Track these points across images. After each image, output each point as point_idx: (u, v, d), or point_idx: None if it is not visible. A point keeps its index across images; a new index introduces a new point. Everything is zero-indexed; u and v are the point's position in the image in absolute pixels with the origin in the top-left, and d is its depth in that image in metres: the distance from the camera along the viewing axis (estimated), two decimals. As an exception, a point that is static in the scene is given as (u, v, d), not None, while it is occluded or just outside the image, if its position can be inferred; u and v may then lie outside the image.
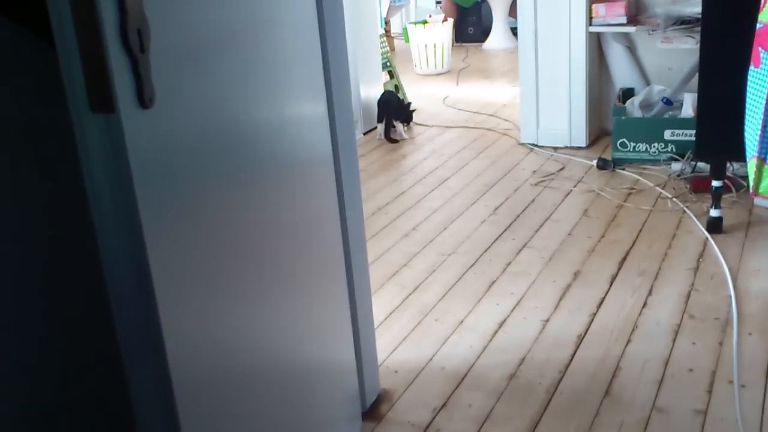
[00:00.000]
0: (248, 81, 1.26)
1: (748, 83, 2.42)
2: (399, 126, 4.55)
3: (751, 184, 2.45)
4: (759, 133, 2.35)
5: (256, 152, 1.30)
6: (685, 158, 3.55)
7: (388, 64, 5.07)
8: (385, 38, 5.28)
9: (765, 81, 2.31)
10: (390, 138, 4.51)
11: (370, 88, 4.68)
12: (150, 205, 0.91)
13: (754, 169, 2.41)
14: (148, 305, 0.95)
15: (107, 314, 0.98)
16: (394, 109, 4.55)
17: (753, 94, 2.39)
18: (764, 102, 2.31)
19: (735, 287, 2.55)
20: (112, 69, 0.80)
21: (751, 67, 2.40)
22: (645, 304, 2.50)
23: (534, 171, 3.85)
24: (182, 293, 1.02)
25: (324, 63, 1.72)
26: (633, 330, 2.35)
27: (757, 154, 2.38)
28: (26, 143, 1.27)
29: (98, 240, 0.92)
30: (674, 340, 2.28)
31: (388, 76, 5.06)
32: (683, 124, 3.65)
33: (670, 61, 4.02)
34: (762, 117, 2.33)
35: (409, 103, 4.80)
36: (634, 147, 3.76)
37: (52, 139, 1.27)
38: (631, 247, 2.91)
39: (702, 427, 1.91)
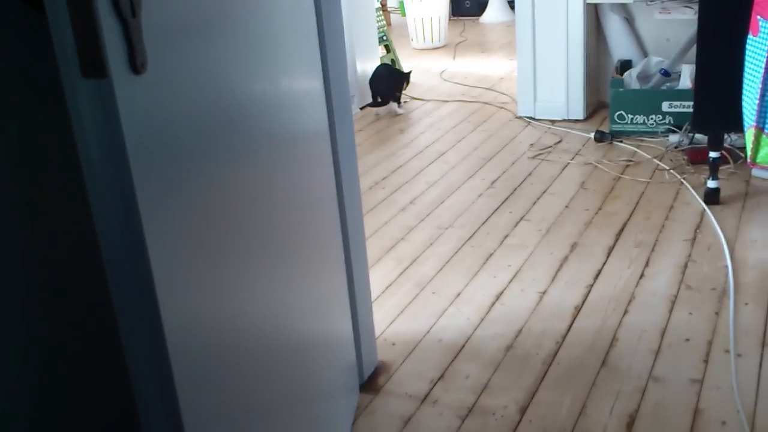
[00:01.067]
0: (243, 54, 1.24)
1: (747, 52, 2.40)
2: (393, 105, 4.50)
3: (749, 153, 2.45)
4: (757, 102, 2.34)
5: (252, 126, 1.29)
6: (683, 130, 3.54)
7: (384, 38, 5.04)
8: (381, 12, 5.24)
9: (763, 50, 2.29)
10: (375, 105, 4.48)
11: (366, 63, 4.65)
12: (144, 174, 0.90)
13: (752, 138, 2.40)
14: (145, 278, 0.94)
15: (105, 298, 0.98)
16: (386, 87, 4.49)
17: (751, 63, 2.38)
18: (762, 71, 2.30)
19: (732, 258, 2.56)
20: (103, 33, 0.79)
21: (750, 36, 2.39)
22: (642, 275, 2.51)
23: (531, 144, 3.84)
24: (179, 266, 1.02)
25: (320, 38, 1.71)
26: (630, 301, 2.36)
27: (755, 124, 2.37)
28: (21, 141, 1.27)
29: (93, 212, 0.92)
30: (671, 311, 2.29)
31: (384, 51, 5.03)
32: (681, 95, 3.64)
33: (668, 32, 3.99)
34: (760, 86, 2.32)
35: (404, 71, 4.75)
36: (632, 119, 3.75)
37: (48, 137, 1.27)
38: (628, 219, 2.91)
39: (698, 395, 1.92)
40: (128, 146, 0.86)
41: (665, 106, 3.69)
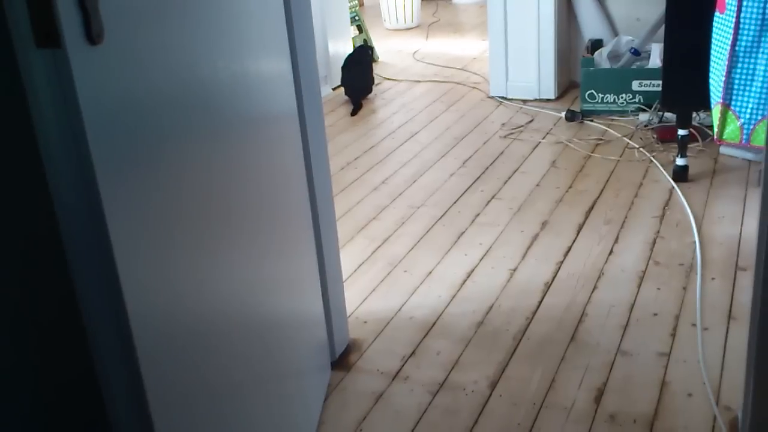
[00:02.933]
0: (207, 31, 1.23)
1: (713, 29, 2.42)
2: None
3: (716, 130, 2.47)
4: (723, 79, 2.36)
5: (218, 104, 1.28)
6: (653, 108, 3.57)
7: (356, 18, 5.01)
8: (353, -8, 5.20)
9: (730, 27, 2.31)
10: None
11: (338, 44, 4.62)
12: (103, 150, 0.89)
13: (719, 115, 2.42)
14: (106, 257, 0.93)
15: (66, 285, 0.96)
16: (364, 88, 4.42)
17: (718, 40, 2.40)
18: (729, 48, 2.32)
19: (699, 234, 2.59)
20: (57, 2, 0.78)
21: (717, 14, 2.41)
22: (611, 251, 2.53)
23: (503, 124, 3.84)
24: (143, 245, 1.00)
25: (287, 18, 1.69)
26: (599, 277, 2.38)
27: (721, 101, 2.40)
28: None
29: (50, 188, 0.90)
30: (639, 286, 2.32)
31: (356, 31, 5.00)
32: (651, 74, 3.66)
33: (638, 11, 4.01)
34: (726, 63, 2.34)
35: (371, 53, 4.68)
36: (603, 98, 3.77)
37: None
38: (598, 197, 2.94)
39: (665, 368, 1.95)
40: (85, 118, 0.84)
41: (635, 85, 3.71)
